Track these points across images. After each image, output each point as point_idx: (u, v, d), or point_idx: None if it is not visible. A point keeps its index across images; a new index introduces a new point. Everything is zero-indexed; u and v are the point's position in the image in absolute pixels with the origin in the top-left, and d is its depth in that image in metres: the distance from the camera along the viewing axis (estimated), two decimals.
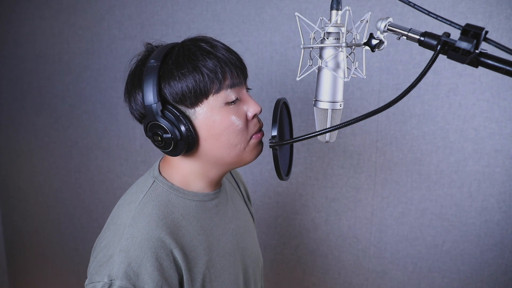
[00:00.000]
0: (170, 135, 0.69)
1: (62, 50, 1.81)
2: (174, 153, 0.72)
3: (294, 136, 0.91)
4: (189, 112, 0.71)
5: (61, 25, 1.79)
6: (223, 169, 0.78)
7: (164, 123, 0.69)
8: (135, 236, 0.67)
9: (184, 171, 0.77)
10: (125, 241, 0.67)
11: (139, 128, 1.73)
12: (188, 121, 0.70)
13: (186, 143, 0.70)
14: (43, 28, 1.82)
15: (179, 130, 0.69)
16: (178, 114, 0.69)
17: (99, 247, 0.70)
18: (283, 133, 0.80)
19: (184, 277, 0.70)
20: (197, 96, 0.69)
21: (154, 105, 0.68)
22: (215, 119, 0.70)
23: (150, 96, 0.68)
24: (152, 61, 0.70)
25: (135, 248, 0.66)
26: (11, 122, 2.01)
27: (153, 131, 0.71)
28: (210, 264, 0.75)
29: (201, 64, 0.69)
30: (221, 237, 0.80)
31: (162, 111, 0.69)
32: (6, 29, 1.91)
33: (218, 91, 0.70)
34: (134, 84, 0.74)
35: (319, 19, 0.64)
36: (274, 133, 0.68)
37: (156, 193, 0.74)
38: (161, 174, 0.77)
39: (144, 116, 0.73)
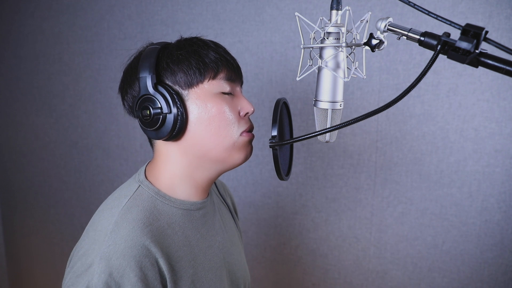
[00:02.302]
0: (159, 110, 0.67)
1: (62, 50, 1.81)
2: (158, 133, 0.69)
3: (294, 136, 0.91)
4: (183, 93, 0.70)
5: (61, 25, 1.79)
6: (209, 170, 0.74)
7: (155, 95, 0.67)
8: (117, 243, 0.62)
9: (171, 173, 0.73)
10: (106, 248, 0.61)
11: (139, 128, 1.72)
12: (181, 100, 0.69)
13: (175, 123, 0.68)
14: (43, 28, 1.82)
15: (169, 106, 0.67)
16: (171, 91, 0.68)
17: (76, 256, 0.65)
18: (283, 133, 0.79)
19: None
20: (193, 79, 0.69)
21: (149, 77, 0.67)
22: (207, 104, 0.70)
23: (145, 69, 0.68)
24: (154, 45, 0.72)
25: (118, 256, 0.60)
26: (11, 122, 2.01)
27: (143, 105, 0.68)
28: (195, 278, 0.70)
29: (202, 51, 0.70)
30: (207, 250, 0.75)
31: (155, 84, 0.68)
32: (6, 29, 1.91)
33: (214, 78, 0.70)
34: (133, 68, 0.73)
35: (319, 19, 0.64)
36: (274, 133, 0.68)
37: (141, 198, 0.69)
38: (147, 179, 0.73)
39: (137, 100, 0.70)
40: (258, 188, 1.57)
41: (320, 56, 0.64)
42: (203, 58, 0.70)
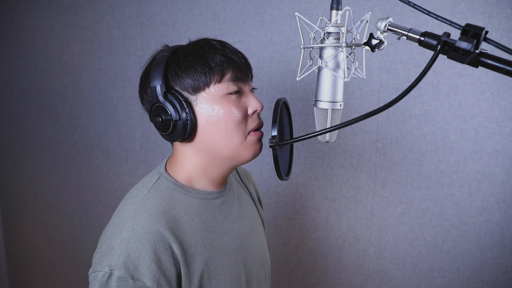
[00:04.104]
0: (169, 117, 0.72)
1: (62, 50, 1.81)
2: (172, 137, 0.75)
3: (294, 136, 0.91)
4: (191, 98, 0.74)
5: (61, 25, 1.79)
6: (222, 166, 0.79)
7: (165, 104, 0.73)
8: (135, 228, 0.69)
9: (188, 169, 0.79)
10: (125, 233, 0.69)
11: (139, 128, 1.73)
12: (189, 105, 0.73)
13: (185, 127, 0.73)
14: (43, 28, 1.82)
15: (179, 113, 0.72)
16: (180, 97, 0.73)
17: (103, 238, 0.73)
18: (283, 133, 0.80)
19: (182, 271, 0.71)
20: (199, 83, 0.73)
21: (158, 87, 0.73)
22: (215, 107, 0.73)
23: (155, 78, 0.73)
24: (164, 52, 0.76)
25: (135, 240, 0.68)
26: (11, 122, 2.01)
27: (155, 113, 0.74)
28: (210, 261, 0.76)
29: (208, 56, 0.73)
30: (224, 235, 0.80)
31: (165, 93, 0.73)
32: (6, 29, 1.91)
33: (220, 81, 0.73)
34: (146, 75, 0.78)
35: (319, 19, 0.64)
36: (274, 133, 0.68)
37: (160, 189, 0.76)
38: (166, 171, 0.80)
39: (150, 108, 0.76)
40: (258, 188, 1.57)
41: (320, 56, 0.64)
42: (208, 62, 0.73)
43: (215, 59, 0.73)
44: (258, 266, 0.88)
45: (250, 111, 0.76)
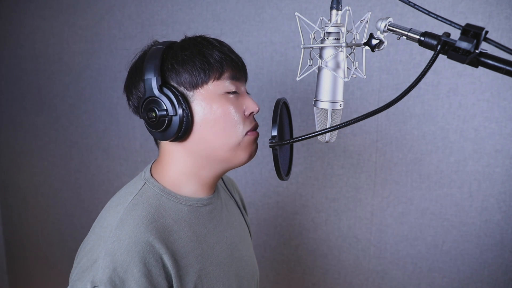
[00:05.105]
0: (164, 112, 0.67)
1: (62, 50, 1.81)
2: (165, 135, 0.69)
3: (294, 136, 0.91)
4: (188, 94, 0.70)
5: (61, 25, 1.79)
6: (214, 168, 0.75)
7: (160, 97, 0.67)
8: (121, 239, 0.63)
9: (176, 172, 0.74)
10: (111, 244, 0.62)
11: (139, 128, 1.73)
12: (186, 101, 0.69)
13: (181, 124, 0.68)
14: (43, 28, 1.82)
15: (175, 108, 0.68)
16: (177, 92, 0.68)
17: (83, 252, 0.66)
18: (283, 133, 0.79)
19: (174, 285, 0.66)
20: (197, 79, 0.69)
21: (154, 79, 0.68)
22: (212, 105, 0.70)
23: (150, 71, 0.68)
24: (159, 46, 0.72)
25: (122, 252, 0.61)
26: (11, 122, 2.01)
27: (148, 107, 0.69)
28: (202, 273, 0.71)
29: (206, 51, 0.70)
30: (215, 245, 0.76)
31: (160, 86, 0.68)
32: (6, 29, 1.91)
33: (218, 78, 0.70)
34: (138, 68, 0.73)
35: (319, 19, 0.64)
36: (274, 133, 0.68)
37: (146, 196, 0.71)
38: (152, 177, 0.74)
39: (142, 102, 0.71)
40: (258, 188, 1.57)
41: (320, 56, 0.64)
42: (207, 58, 0.70)
43: (213, 55, 0.70)
44: (249, 277, 0.84)
45: (247, 113, 0.73)
